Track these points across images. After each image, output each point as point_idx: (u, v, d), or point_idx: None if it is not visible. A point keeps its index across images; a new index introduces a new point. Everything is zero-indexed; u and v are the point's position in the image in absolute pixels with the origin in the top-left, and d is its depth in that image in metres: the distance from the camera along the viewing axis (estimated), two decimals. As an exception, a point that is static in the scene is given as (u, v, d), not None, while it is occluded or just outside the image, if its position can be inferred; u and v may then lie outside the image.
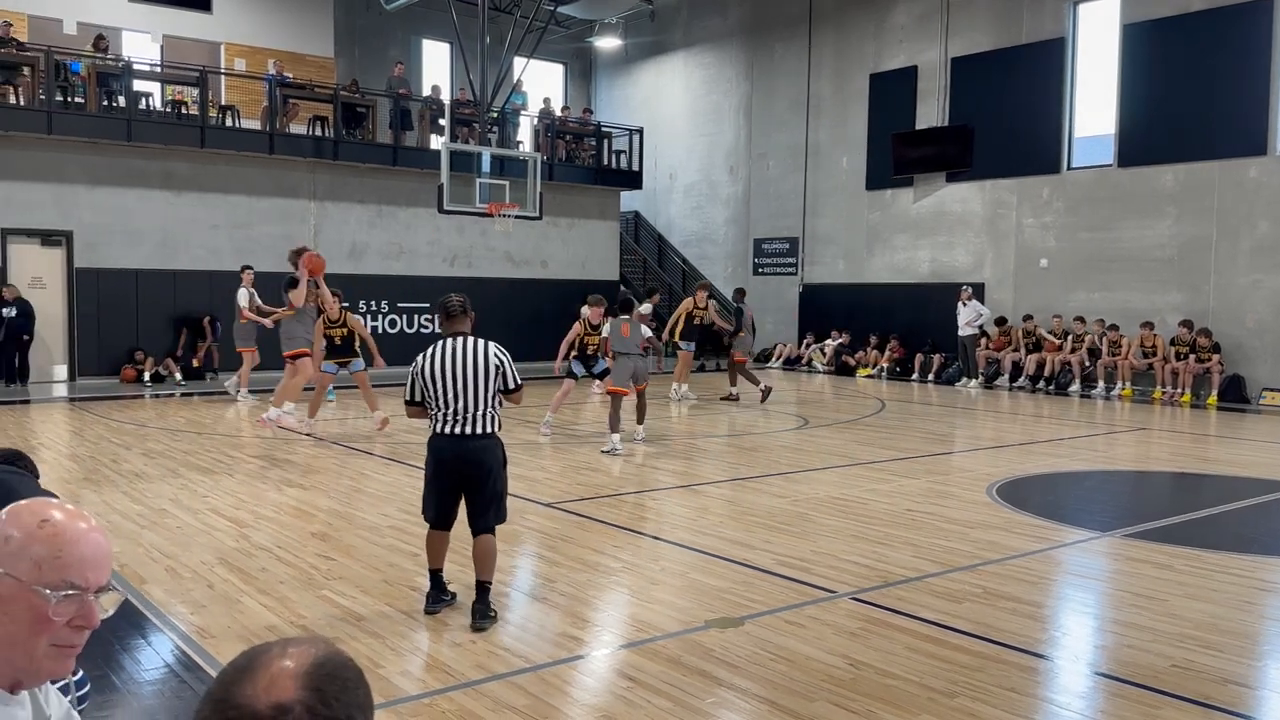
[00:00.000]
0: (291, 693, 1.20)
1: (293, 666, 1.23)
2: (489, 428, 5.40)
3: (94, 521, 1.61)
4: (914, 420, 14.54)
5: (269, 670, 1.22)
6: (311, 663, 1.24)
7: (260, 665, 1.23)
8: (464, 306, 5.60)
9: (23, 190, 16.87)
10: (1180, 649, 5.01)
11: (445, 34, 23.74)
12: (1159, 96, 17.65)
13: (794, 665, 4.73)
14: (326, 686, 1.22)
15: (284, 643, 1.28)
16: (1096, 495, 9.54)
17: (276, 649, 1.26)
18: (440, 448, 5.40)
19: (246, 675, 1.22)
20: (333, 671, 1.25)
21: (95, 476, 9.28)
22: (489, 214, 17.82)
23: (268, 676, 1.21)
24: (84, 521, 1.59)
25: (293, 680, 1.21)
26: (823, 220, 23.60)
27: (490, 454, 5.41)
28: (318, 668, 1.24)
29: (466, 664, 4.75)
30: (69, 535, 1.56)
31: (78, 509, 1.63)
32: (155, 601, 5.64)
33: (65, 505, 1.62)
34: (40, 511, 1.57)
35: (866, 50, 22.60)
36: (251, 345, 15.61)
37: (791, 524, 7.66)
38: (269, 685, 1.21)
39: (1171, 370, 16.93)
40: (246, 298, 15.42)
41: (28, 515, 1.56)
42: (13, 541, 1.53)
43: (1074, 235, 18.97)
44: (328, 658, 1.26)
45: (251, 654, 1.27)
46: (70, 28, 19.45)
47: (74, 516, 1.59)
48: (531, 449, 11.15)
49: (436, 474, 5.43)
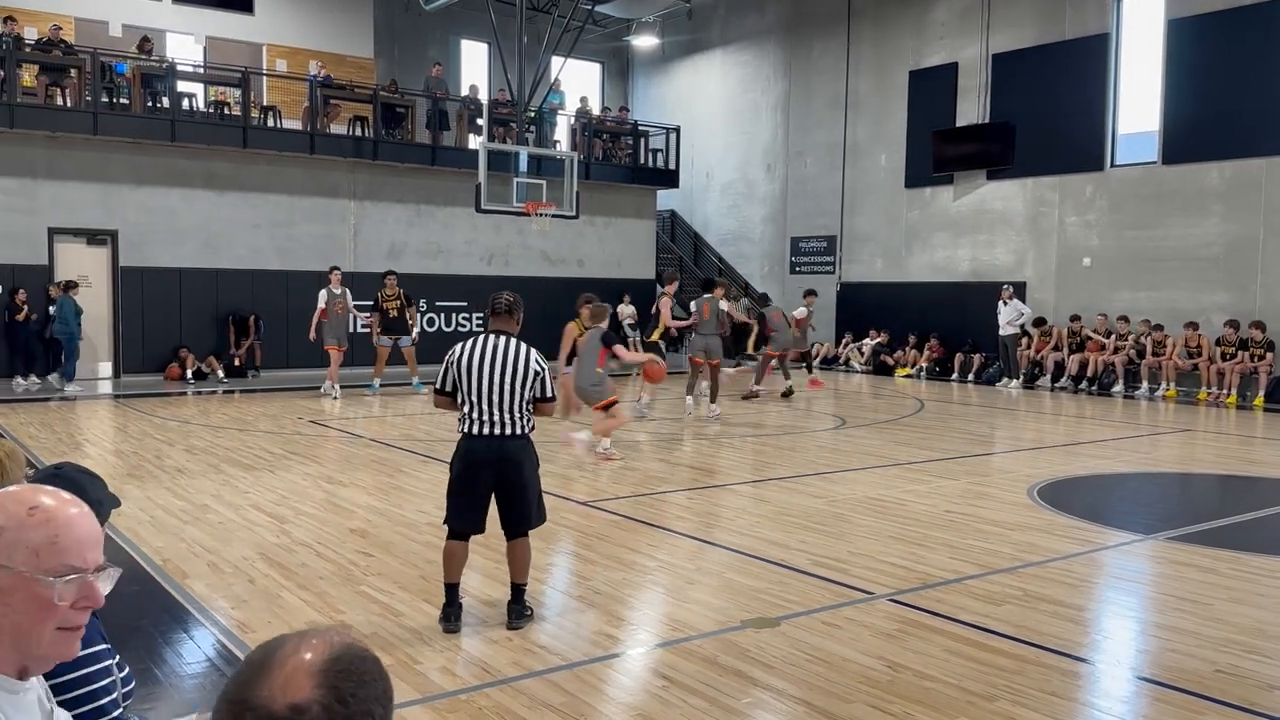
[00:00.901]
0: (308, 692, 1.19)
1: (309, 663, 1.22)
2: (522, 429, 5.25)
3: (79, 501, 1.59)
4: (953, 421, 14.41)
5: (285, 669, 1.22)
6: (328, 658, 1.23)
7: (276, 663, 1.23)
8: (510, 306, 5.43)
9: (69, 190, 17.16)
10: (1225, 654, 4.92)
11: (483, 34, 23.84)
12: (1204, 92, 17.35)
13: (831, 666, 4.70)
14: (343, 684, 1.21)
15: (299, 636, 1.27)
16: (1139, 497, 9.41)
17: (291, 644, 1.25)
18: (473, 449, 5.19)
19: (262, 674, 1.22)
20: (349, 666, 1.24)
21: (139, 472, 9.42)
22: (526, 213, 17.89)
23: (284, 675, 1.21)
24: (73, 505, 1.57)
25: (309, 679, 1.20)
26: (861, 218, 23.45)
27: (525, 455, 5.26)
28: (333, 663, 1.23)
29: (504, 661, 4.77)
30: (62, 519, 1.54)
31: (56, 490, 1.60)
32: (197, 596, 5.71)
33: (46, 489, 1.59)
34: (25, 499, 1.54)
35: (906, 47, 22.42)
36: (334, 343, 15.79)
37: (828, 524, 7.62)
38: (285, 685, 1.20)
39: (1217, 370, 16.65)
40: (327, 297, 15.69)
41: (13, 504, 1.53)
42: (5, 533, 1.50)
43: (1118, 234, 18.71)
44: (344, 651, 1.25)
45: (267, 649, 1.26)
46: (116, 30, 19.76)
47: (61, 500, 1.56)
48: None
49: (467, 477, 5.21)
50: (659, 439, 12.08)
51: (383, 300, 15.96)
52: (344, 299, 15.84)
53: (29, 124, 16.55)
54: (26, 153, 16.75)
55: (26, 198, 16.83)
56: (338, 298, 15.74)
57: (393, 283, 16.11)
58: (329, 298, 15.73)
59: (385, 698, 1.26)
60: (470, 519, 5.27)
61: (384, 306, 15.94)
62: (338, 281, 15.90)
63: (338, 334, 15.78)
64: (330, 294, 15.75)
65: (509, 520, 5.32)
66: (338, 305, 15.72)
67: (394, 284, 16.09)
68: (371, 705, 1.23)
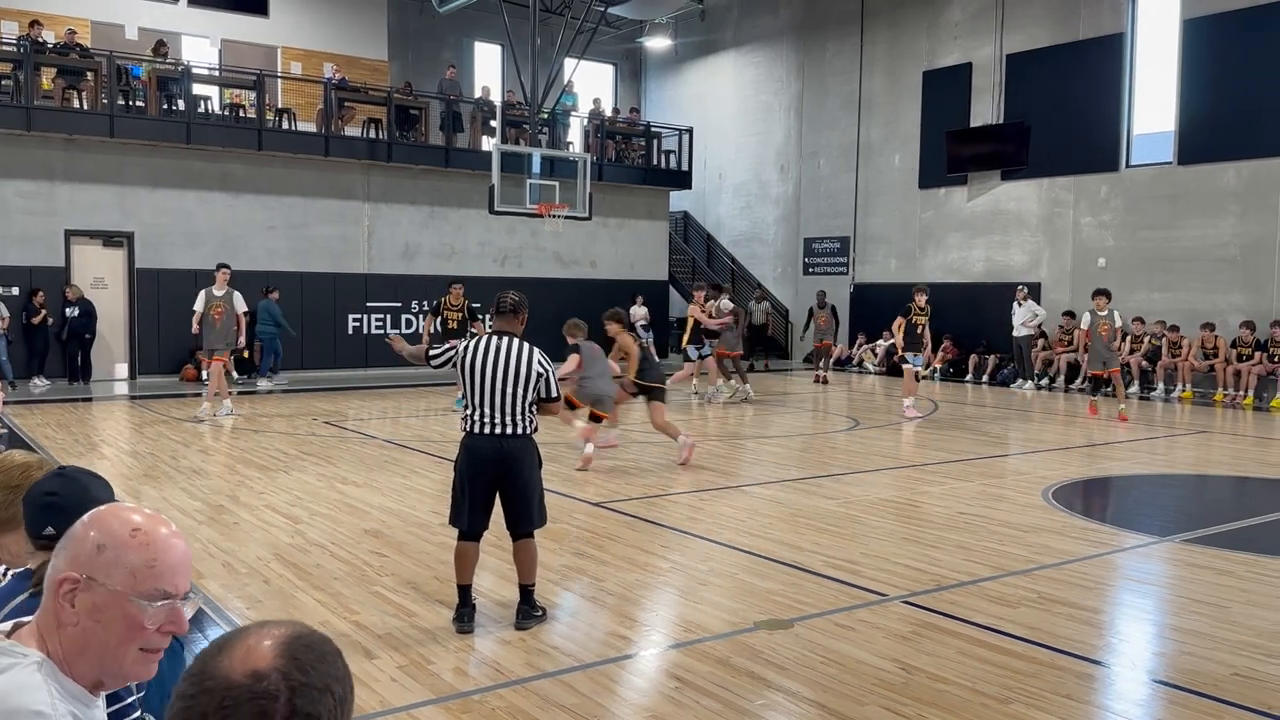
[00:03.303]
0: (268, 661, 1.22)
1: (269, 641, 1.25)
2: (524, 429, 5.28)
3: (172, 525, 1.62)
4: (967, 422, 14.36)
5: (245, 644, 1.25)
6: (288, 635, 1.27)
7: (238, 640, 1.27)
8: (515, 306, 5.47)
9: (86, 192, 17.27)
10: (1241, 657, 4.89)
11: (496, 36, 23.89)
12: (1221, 92, 17.25)
13: (844, 668, 4.69)
14: (303, 655, 1.24)
15: (261, 624, 1.30)
16: (1155, 499, 9.36)
17: (253, 628, 1.29)
18: (475, 448, 5.25)
19: (224, 649, 1.25)
20: (309, 644, 1.27)
21: (155, 473, 9.47)
22: (539, 214, 17.92)
23: (244, 649, 1.24)
24: (166, 527, 1.59)
25: (270, 651, 1.24)
26: (874, 219, 23.39)
27: (526, 454, 5.29)
28: (295, 639, 1.26)
29: (516, 662, 4.78)
30: (160, 543, 1.56)
31: (156, 512, 1.63)
32: (212, 596, 5.74)
33: (145, 510, 1.61)
34: (128, 519, 1.56)
35: (920, 47, 22.36)
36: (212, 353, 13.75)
37: (842, 526, 7.61)
38: (245, 656, 1.23)
39: (1234, 372, 16.55)
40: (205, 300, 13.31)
41: (116, 524, 1.55)
42: (106, 551, 1.53)
43: (1133, 234, 18.61)
44: (305, 632, 1.29)
45: (230, 633, 1.30)
46: (131, 33, 19.87)
47: (158, 522, 1.59)
48: (577, 448, 11.16)
49: (470, 475, 5.26)
50: (670, 440, 12.07)
51: (445, 308, 15.08)
52: (226, 302, 13.29)
53: (46, 126, 16.67)
54: (44, 155, 16.87)
55: (44, 200, 16.95)
56: (217, 300, 13.23)
57: (459, 292, 15.11)
58: (207, 300, 13.24)
59: (344, 677, 1.28)
60: (472, 517, 5.30)
61: (445, 315, 15.09)
62: (223, 282, 13.34)
63: (217, 342, 13.30)
64: (209, 296, 13.26)
65: (512, 520, 5.37)
66: (216, 309, 13.18)
67: (460, 294, 15.11)
68: (330, 682, 1.25)
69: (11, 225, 16.68)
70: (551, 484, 6.94)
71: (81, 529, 1.56)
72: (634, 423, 13.76)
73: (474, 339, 5.43)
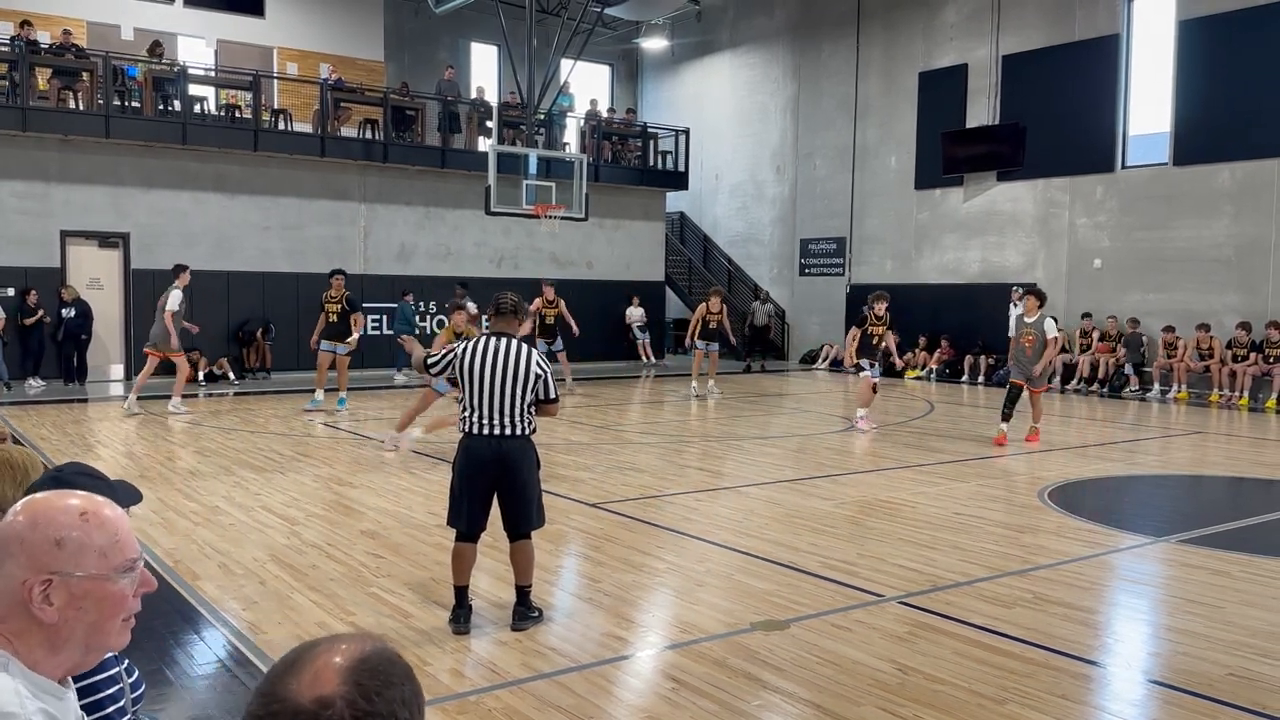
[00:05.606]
0: (333, 687, 1.22)
1: (338, 662, 1.25)
2: (522, 430, 5.29)
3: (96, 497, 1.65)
4: (963, 423, 14.38)
5: (314, 665, 1.25)
6: (356, 658, 1.26)
7: (306, 661, 1.26)
8: (514, 307, 5.48)
9: (81, 193, 17.24)
10: (1236, 657, 4.90)
11: (493, 37, 23.89)
12: (1216, 93, 17.29)
13: (840, 669, 4.69)
14: (368, 681, 1.24)
15: (333, 639, 1.30)
16: (1151, 500, 9.37)
17: (325, 645, 1.29)
18: (473, 449, 5.26)
19: (292, 670, 1.25)
20: (376, 667, 1.26)
21: (150, 474, 9.46)
22: (535, 215, 17.91)
23: (312, 671, 1.24)
24: (99, 501, 1.63)
25: (336, 675, 1.24)
26: (870, 220, 23.42)
27: (524, 455, 5.30)
28: (361, 663, 1.26)
29: (513, 663, 4.78)
30: (109, 516, 1.60)
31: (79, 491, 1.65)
32: (208, 597, 5.73)
33: (73, 493, 1.63)
34: (69, 506, 1.59)
35: (916, 48, 22.39)
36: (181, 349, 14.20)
37: (838, 526, 7.61)
38: (313, 680, 1.23)
39: (1229, 372, 16.58)
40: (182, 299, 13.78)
41: (62, 515, 1.57)
42: (67, 544, 1.54)
43: (1128, 235, 18.65)
44: (374, 653, 1.28)
45: (300, 649, 1.29)
46: (127, 33, 19.85)
47: (91, 501, 1.62)
48: (574, 449, 11.18)
49: (468, 476, 5.26)
50: (667, 440, 12.08)
51: (325, 301, 14.25)
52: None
53: (41, 127, 16.64)
54: (39, 156, 16.84)
55: (39, 200, 16.92)
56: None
57: (339, 284, 14.21)
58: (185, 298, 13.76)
59: (413, 702, 1.28)
60: (471, 518, 5.31)
61: (325, 309, 14.24)
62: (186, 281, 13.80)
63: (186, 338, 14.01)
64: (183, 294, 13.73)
65: (509, 521, 5.37)
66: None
67: (341, 285, 14.22)
68: (396, 707, 1.25)
69: (7, 226, 16.65)
70: (548, 485, 6.94)
71: (26, 531, 1.54)
72: (634, 422, 13.76)
73: (473, 340, 5.42)
